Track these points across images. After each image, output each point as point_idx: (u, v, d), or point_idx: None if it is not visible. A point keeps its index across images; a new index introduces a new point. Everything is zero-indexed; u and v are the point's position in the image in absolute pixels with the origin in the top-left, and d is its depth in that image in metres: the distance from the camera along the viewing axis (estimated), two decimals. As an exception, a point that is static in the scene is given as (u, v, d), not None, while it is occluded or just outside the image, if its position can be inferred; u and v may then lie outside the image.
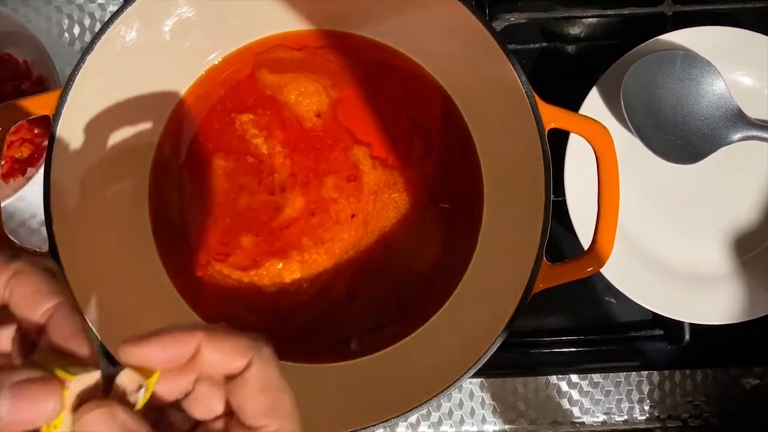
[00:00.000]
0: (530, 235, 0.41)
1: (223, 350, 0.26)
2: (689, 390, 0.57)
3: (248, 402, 0.26)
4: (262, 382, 0.26)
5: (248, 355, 0.26)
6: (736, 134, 0.51)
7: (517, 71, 0.40)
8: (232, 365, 0.26)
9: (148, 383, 0.25)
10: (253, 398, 0.26)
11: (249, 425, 0.26)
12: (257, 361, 0.26)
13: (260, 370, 0.26)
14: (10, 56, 0.56)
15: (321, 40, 0.51)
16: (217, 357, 0.26)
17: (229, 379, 0.26)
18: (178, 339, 0.25)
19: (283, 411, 0.26)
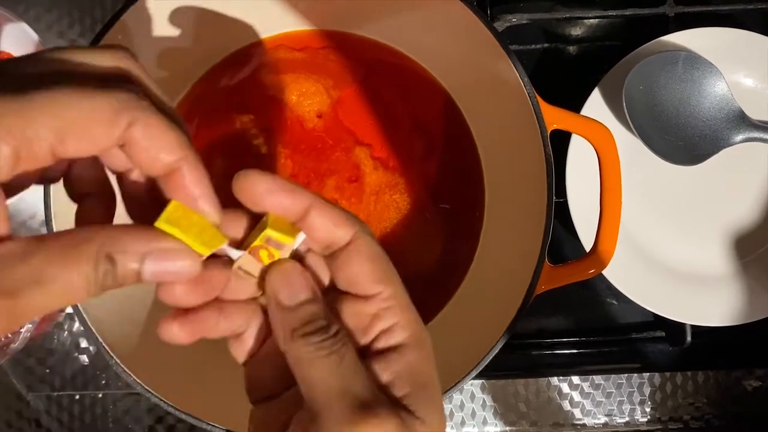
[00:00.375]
0: (532, 237, 0.41)
1: (332, 218, 0.26)
2: (691, 392, 0.56)
3: (362, 271, 0.26)
4: (372, 251, 0.26)
5: (354, 226, 0.26)
6: (738, 136, 0.51)
7: (519, 72, 0.40)
8: (337, 234, 0.26)
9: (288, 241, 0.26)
10: (365, 267, 0.26)
11: (363, 294, 0.26)
12: (362, 234, 0.26)
13: (369, 241, 0.26)
14: (8, 55, 0.55)
15: (322, 41, 0.50)
16: (326, 223, 0.26)
17: (331, 254, 0.27)
18: (293, 191, 0.25)
19: (392, 278, 0.27)
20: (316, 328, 0.25)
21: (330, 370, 0.24)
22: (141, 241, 0.23)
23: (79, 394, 0.56)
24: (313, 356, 0.24)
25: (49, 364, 0.56)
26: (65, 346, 0.56)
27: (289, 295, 0.25)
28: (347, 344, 0.25)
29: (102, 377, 0.56)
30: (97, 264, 0.22)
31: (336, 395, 0.24)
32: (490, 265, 0.47)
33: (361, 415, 0.23)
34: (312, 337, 0.25)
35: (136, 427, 0.56)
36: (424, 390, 0.25)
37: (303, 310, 0.25)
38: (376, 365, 0.25)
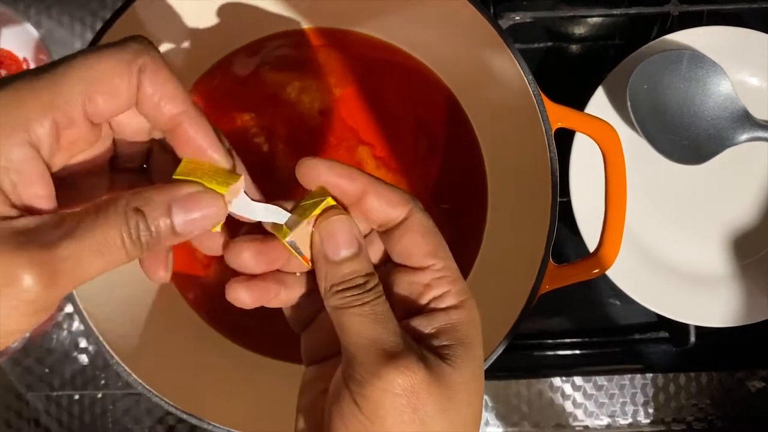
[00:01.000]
0: (536, 236, 0.40)
1: (387, 198, 0.28)
2: (694, 393, 0.56)
3: (415, 245, 0.28)
4: (425, 227, 0.28)
5: (408, 204, 0.28)
6: (742, 135, 0.51)
7: (523, 69, 0.40)
8: (393, 213, 0.28)
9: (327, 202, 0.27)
10: (419, 241, 0.28)
11: (417, 266, 0.28)
12: (416, 211, 0.28)
13: (422, 218, 0.28)
14: (9, 53, 0.55)
15: (324, 38, 0.50)
16: (381, 203, 0.28)
17: (387, 230, 0.29)
18: (351, 175, 0.28)
19: (445, 252, 0.29)
20: (355, 284, 0.27)
21: (362, 321, 0.26)
22: (164, 191, 0.25)
23: (78, 394, 0.56)
24: (349, 307, 0.26)
25: (48, 364, 0.56)
26: (64, 346, 0.56)
27: (334, 251, 0.27)
28: (381, 297, 0.27)
29: (101, 377, 0.56)
30: (127, 217, 0.24)
31: (367, 342, 0.26)
32: (494, 265, 0.47)
33: (388, 361, 0.25)
34: (349, 292, 0.27)
35: (135, 428, 0.56)
36: (463, 346, 0.27)
37: (345, 266, 0.27)
38: (424, 320, 0.27)
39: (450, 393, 0.26)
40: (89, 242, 0.23)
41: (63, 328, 0.56)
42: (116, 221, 0.24)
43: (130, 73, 0.25)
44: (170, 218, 0.25)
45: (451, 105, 0.49)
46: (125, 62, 0.24)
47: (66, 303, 0.56)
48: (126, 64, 0.24)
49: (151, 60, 0.25)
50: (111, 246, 0.23)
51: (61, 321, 0.56)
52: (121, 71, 0.24)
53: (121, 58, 0.24)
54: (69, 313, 0.56)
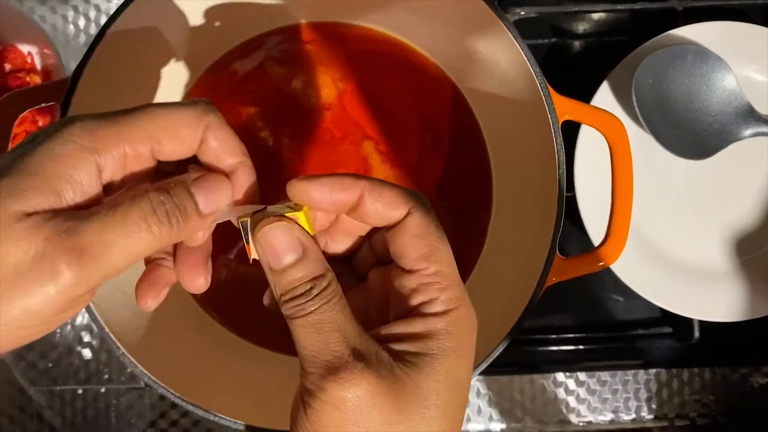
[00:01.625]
0: (543, 228, 0.40)
1: (385, 200, 0.27)
2: (697, 388, 0.56)
3: (407, 247, 0.27)
4: (421, 228, 0.27)
5: (408, 204, 0.28)
6: (746, 130, 0.51)
7: (530, 61, 0.40)
8: (393, 214, 0.28)
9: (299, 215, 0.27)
10: (411, 243, 0.27)
11: (408, 269, 0.28)
12: (416, 210, 0.28)
13: (419, 218, 0.27)
14: (15, 48, 0.55)
15: (329, 32, 0.50)
16: (379, 206, 0.27)
17: (389, 228, 0.28)
18: (344, 185, 0.27)
19: (440, 257, 0.27)
20: (299, 293, 0.26)
21: (306, 332, 0.26)
22: (179, 177, 0.27)
23: (81, 389, 0.56)
24: (296, 317, 0.26)
25: (51, 359, 0.56)
26: (68, 341, 0.56)
27: (275, 261, 0.27)
28: (328, 302, 0.26)
29: (105, 372, 0.56)
30: (151, 197, 0.26)
31: (311, 354, 0.26)
32: (500, 258, 0.47)
33: (329, 374, 0.25)
34: (294, 301, 0.26)
35: (138, 422, 0.56)
36: (430, 356, 0.26)
37: (288, 274, 0.27)
38: (401, 324, 0.27)
39: (401, 404, 0.25)
40: (114, 224, 0.24)
41: (66, 323, 0.56)
42: (140, 201, 0.25)
43: (196, 127, 0.28)
44: (192, 194, 0.27)
45: (456, 99, 0.49)
46: (192, 117, 0.28)
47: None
48: (193, 119, 0.28)
49: (216, 119, 0.28)
50: (137, 226, 0.25)
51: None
52: (188, 124, 0.28)
53: (189, 114, 0.28)
54: (73, 307, 0.56)
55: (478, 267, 0.48)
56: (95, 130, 0.26)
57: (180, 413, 0.56)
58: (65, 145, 0.25)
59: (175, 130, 0.27)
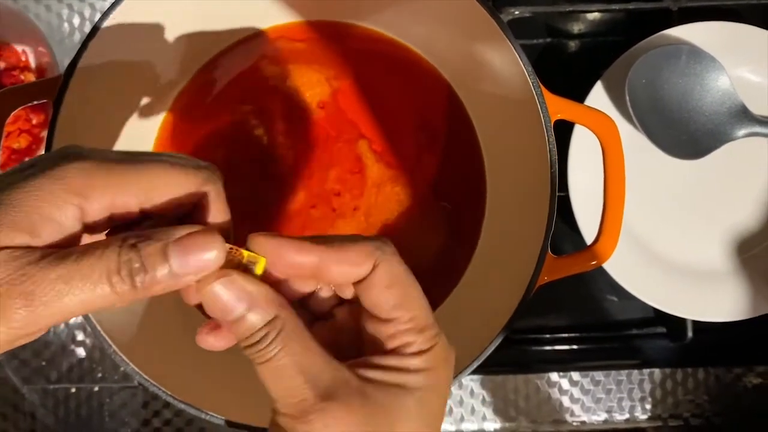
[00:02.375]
0: (535, 226, 0.40)
1: (349, 261, 0.27)
2: (691, 388, 0.56)
3: (379, 299, 0.27)
4: (390, 279, 0.27)
5: (373, 256, 0.27)
6: (740, 130, 0.51)
7: (522, 61, 0.40)
8: (358, 272, 0.27)
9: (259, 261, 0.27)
10: (383, 296, 0.27)
11: (384, 318, 0.27)
12: (382, 261, 0.27)
13: (387, 270, 0.27)
14: (10, 47, 0.55)
15: (324, 31, 0.50)
16: (345, 269, 0.27)
17: (356, 282, 0.28)
18: (299, 248, 0.27)
19: (413, 303, 0.27)
20: (255, 340, 0.26)
21: (266, 376, 0.26)
22: (163, 231, 0.25)
23: (75, 387, 0.56)
24: (257, 363, 0.26)
25: (44, 357, 0.56)
26: (61, 339, 0.56)
27: (223, 317, 0.26)
28: (288, 345, 0.26)
29: (98, 370, 0.56)
30: (120, 252, 0.24)
31: (281, 397, 0.26)
32: (493, 256, 0.47)
33: (301, 418, 0.25)
34: (252, 348, 0.26)
35: (132, 421, 0.56)
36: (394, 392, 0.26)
37: (238, 326, 0.26)
38: (375, 359, 0.27)
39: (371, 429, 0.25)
40: (75, 274, 0.24)
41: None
42: (108, 254, 0.24)
43: (192, 196, 0.27)
44: (167, 256, 0.25)
45: (450, 97, 0.50)
46: (194, 186, 0.27)
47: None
48: (195, 187, 0.27)
49: (214, 191, 0.28)
50: (99, 281, 0.24)
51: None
52: (187, 191, 0.27)
53: (191, 182, 0.27)
54: (66, 305, 0.56)
55: (472, 266, 0.48)
56: (91, 177, 0.25)
57: (173, 412, 0.56)
58: (55, 184, 0.24)
59: (170, 195, 0.26)
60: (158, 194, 0.26)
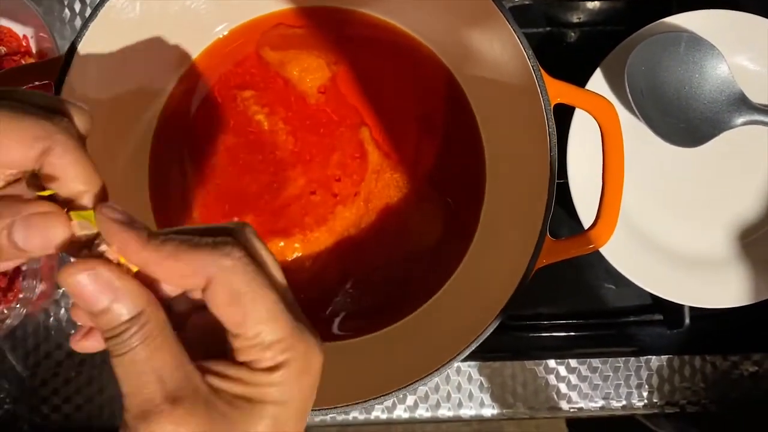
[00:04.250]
0: (534, 210, 0.41)
1: (177, 272, 0.25)
2: (688, 376, 0.56)
3: (221, 315, 0.25)
4: (227, 296, 0.25)
5: (206, 272, 0.25)
6: (739, 118, 0.51)
7: (523, 45, 0.40)
8: (191, 284, 0.26)
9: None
10: (222, 312, 0.25)
11: (231, 332, 0.26)
12: (218, 275, 0.25)
13: (224, 285, 0.25)
14: (10, 31, 0.55)
15: (325, 17, 0.50)
16: (174, 278, 0.26)
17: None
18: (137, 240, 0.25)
19: (256, 317, 0.25)
20: (116, 333, 0.25)
21: (123, 371, 0.25)
22: (12, 206, 0.25)
23: (75, 372, 0.56)
24: (113, 355, 0.25)
25: (45, 342, 0.56)
26: (62, 324, 0.56)
27: (87, 307, 0.25)
28: (147, 340, 0.25)
29: (98, 355, 0.56)
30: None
31: (128, 393, 0.25)
32: (492, 240, 0.47)
33: (143, 419, 0.24)
34: (112, 340, 0.25)
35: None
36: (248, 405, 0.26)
37: (101, 318, 0.25)
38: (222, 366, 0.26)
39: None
40: None
41: (60, 305, 0.56)
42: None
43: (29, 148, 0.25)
44: (12, 234, 0.25)
45: (450, 84, 0.50)
46: (30, 138, 0.25)
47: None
48: (30, 140, 0.25)
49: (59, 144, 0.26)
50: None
51: (58, 299, 0.56)
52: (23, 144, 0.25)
53: (26, 132, 0.25)
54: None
55: (471, 250, 0.48)
56: None
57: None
58: None
59: (4, 147, 0.25)
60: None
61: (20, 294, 0.53)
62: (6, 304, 0.53)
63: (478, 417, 0.56)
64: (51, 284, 0.56)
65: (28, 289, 0.54)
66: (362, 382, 0.44)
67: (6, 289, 0.53)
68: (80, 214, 0.26)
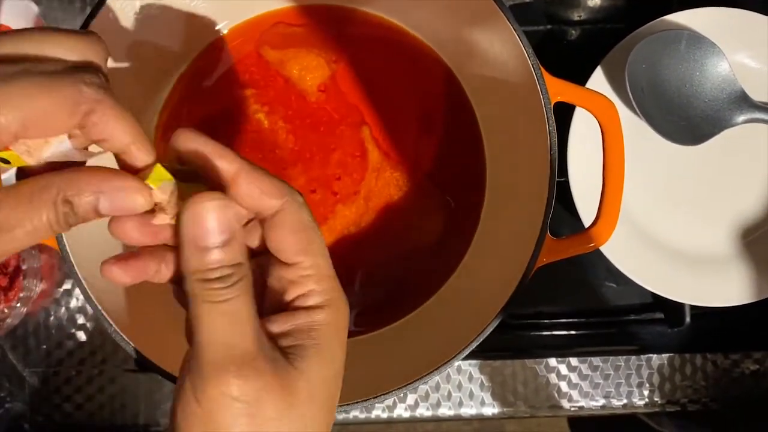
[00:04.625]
0: (534, 208, 0.40)
1: (261, 186, 0.27)
2: (689, 374, 0.56)
3: (285, 240, 0.27)
4: (297, 223, 0.27)
5: (283, 197, 0.27)
6: (740, 116, 0.51)
7: (523, 43, 0.40)
8: (267, 203, 0.27)
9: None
10: (289, 238, 0.27)
11: (286, 262, 0.28)
12: (290, 204, 0.27)
13: (295, 212, 0.27)
14: (8, 29, 0.55)
15: (325, 16, 0.50)
16: (255, 191, 0.27)
17: (263, 221, 0.28)
18: (224, 154, 0.27)
19: (316, 249, 0.28)
20: (218, 276, 0.25)
21: (217, 318, 0.25)
22: (94, 183, 0.25)
23: (75, 371, 0.56)
24: (207, 300, 0.25)
25: (46, 341, 0.56)
26: (62, 323, 0.56)
27: (203, 237, 0.26)
28: (244, 295, 0.26)
29: (99, 354, 0.56)
30: (57, 208, 0.25)
31: (217, 341, 0.25)
32: (492, 239, 0.47)
33: (232, 365, 0.25)
34: (210, 283, 0.25)
35: (132, 405, 0.56)
36: (314, 347, 0.27)
37: (211, 254, 0.26)
38: (283, 317, 0.27)
39: (292, 399, 0.26)
40: (20, 232, 0.25)
41: (61, 305, 0.56)
42: (46, 211, 0.25)
43: (72, 115, 0.25)
44: (97, 206, 0.26)
45: (450, 82, 0.50)
46: (70, 104, 0.25)
47: (65, 278, 0.56)
48: (70, 106, 0.25)
49: (99, 104, 0.26)
50: (39, 230, 0.25)
51: (59, 298, 0.56)
52: (63, 112, 0.25)
53: (65, 99, 0.25)
54: (67, 289, 0.56)
55: (471, 249, 0.48)
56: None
57: (173, 395, 0.56)
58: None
59: (46, 117, 0.25)
60: (32, 125, 0.25)
61: (20, 293, 0.53)
62: (6, 303, 0.53)
63: (478, 416, 0.56)
64: (51, 283, 0.56)
65: (28, 288, 0.54)
66: (362, 380, 0.43)
67: (6, 288, 0.53)
68: (154, 178, 0.27)
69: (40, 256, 0.55)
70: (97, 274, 0.41)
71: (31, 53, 0.26)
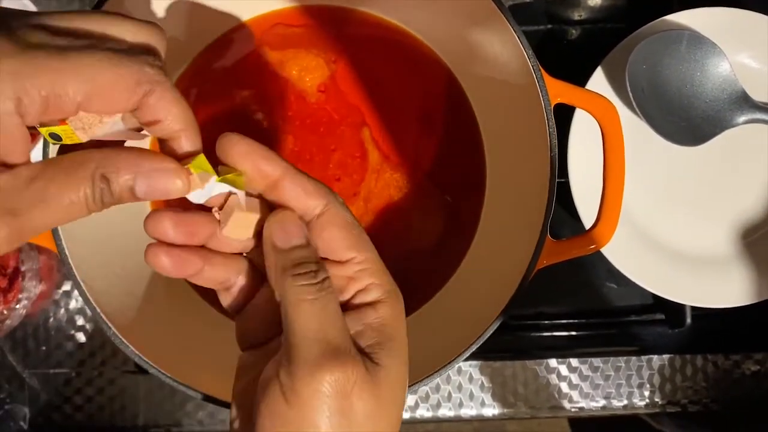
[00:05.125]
0: (535, 210, 0.40)
1: (305, 188, 0.28)
2: (689, 375, 0.56)
3: (335, 238, 0.28)
4: (343, 221, 0.28)
5: (327, 197, 0.28)
6: (740, 117, 0.51)
7: (523, 44, 0.40)
8: (310, 203, 0.28)
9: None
10: (338, 235, 0.28)
11: (339, 260, 0.28)
12: (334, 204, 0.28)
13: (338, 212, 0.28)
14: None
15: (324, 16, 0.50)
16: (298, 193, 0.28)
17: (308, 222, 0.28)
18: (269, 156, 0.28)
19: (365, 244, 0.28)
20: (306, 270, 0.27)
21: (311, 313, 0.26)
22: (132, 161, 0.26)
23: (75, 372, 0.56)
24: (299, 297, 0.26)
25: (45, 342, 0.56)
26: (62, 324, 0.56)
27: (284, 239, 0.27)
28: (332, 293, 0.27)
29: (98, 355, 0.56)
30: (94, 183, 0.25)
31: (311, 337, 0.25)
32: (492, 241, 0.47)
33: (328, 361, 0.25)
34: (300, 279, 0.26)
35: (131, 406, 0.56)
36: (390, 342, 0.27)
37: (295, 252, 0.27)
38: (349, 317, 0.27)
39: (379, 394, 0.26)
40: (56, 207, 0.25)
41: (60, 306, 0.56)
42: (84, 186, 0.25)
43: (132, 93, 0.26)
44: (134, 187, 0.26)
45: (450, 83, 0.49)
46: (132, 81, 0.26)
47: (64, 280, 0.56)
48: (133, 84, 0.26)
49: (159, 85, 0.26)
50: (75, 206, 0.25)
51: (58, 299, 0.56)
52: (126, 88, 0.26)
53: (129, 76, 0.25)
54: (66, 291, 0.56)
55: (471, 250, 0.48)
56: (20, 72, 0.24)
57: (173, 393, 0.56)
58: None
59: (110, 91, 0.25)
60: (98, 97, 0.25)
61: (20, 294, 0.53)
62: (6, 304, 0.53)
63: (479, 417, 0.56)
64: (51, 285, 0.56)
65: (27, 289, 0.54)
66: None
67: (6, 289, 0.53)
68: (197, 165, 0.27)
69: (38, 257, 0.55)
70: (96, 276, 0.42)
71: (98, 31, 0.26)
